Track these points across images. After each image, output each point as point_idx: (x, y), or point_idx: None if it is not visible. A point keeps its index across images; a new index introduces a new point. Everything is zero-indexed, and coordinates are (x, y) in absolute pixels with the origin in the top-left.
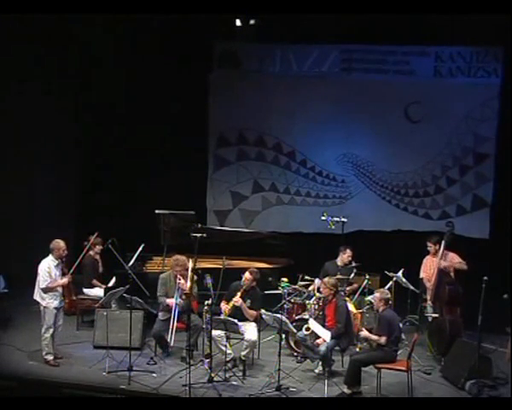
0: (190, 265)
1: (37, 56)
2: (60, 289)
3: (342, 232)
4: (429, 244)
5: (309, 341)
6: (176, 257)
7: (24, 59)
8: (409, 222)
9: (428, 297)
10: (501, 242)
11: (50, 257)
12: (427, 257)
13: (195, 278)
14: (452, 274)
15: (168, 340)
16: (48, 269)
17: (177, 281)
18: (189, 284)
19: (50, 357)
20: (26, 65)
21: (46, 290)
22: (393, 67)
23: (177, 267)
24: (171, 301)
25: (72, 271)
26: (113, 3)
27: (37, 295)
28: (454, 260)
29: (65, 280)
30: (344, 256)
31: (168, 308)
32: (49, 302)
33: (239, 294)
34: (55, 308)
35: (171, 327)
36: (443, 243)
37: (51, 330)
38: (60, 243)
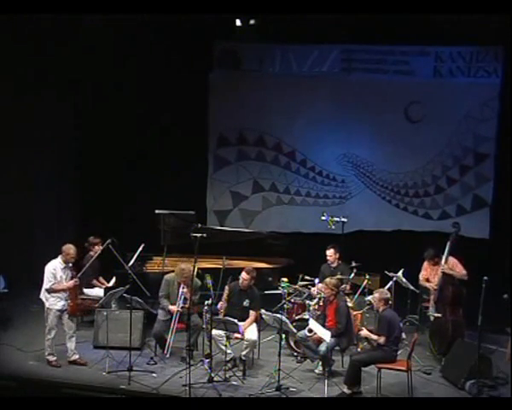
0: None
1: (37, 56)
2: (65, 293)
3: (342, 232)
4: (427, 260)
5: (310, 341)
6: (182, 267)
7: (23, 59)
8: (409, 222)
9: (432, 297)
10: (501, 242)
11: (59, 259)
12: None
13: (199, 283)
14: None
15: (166, 350)
16: (53, 270)
17: (181, 289)
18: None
19: (52, 358)
20: (25, 65)
21: (50, 291)
22: (393, 67)
23: (183, 278)
24: (173, 308)
25: (79, 275)
26: (113, 3)
27: (42, 295)
28: (455, 267)
29: (70, 283)
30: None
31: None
32: (52, 304)
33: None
34: (58, 311)
35: (169, 337)
36: (448, 243)
37: (53, 332)
38: (70, 249)
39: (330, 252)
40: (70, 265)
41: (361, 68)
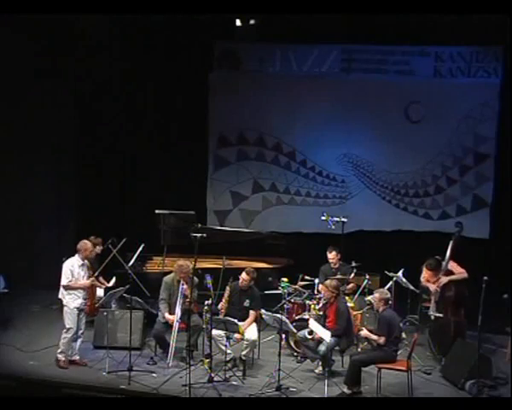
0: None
1: (37, 56)
2: (83, 291)
3: (342, 232)
4: (427, 270)
5: (310, 341)
6: (180, 263)
7: (23, 59)
8: (409, 222)
9: (433, 298)
10: (501, 242)
11: (76, 257)
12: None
13: (196, 280)
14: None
15: (168, 359)
16: (71, 268)
17: (181, 286)
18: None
19: (63, 357)
20: (25, 64)
21: (66, 288)
22: (393, 67)
23: (182, 274)
24: (170, 318)
25: (96, 274)
26: (114, 3)
27: (60, 294)
28: (453, 270)
29: (87, 283)
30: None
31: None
32: (69, 301)
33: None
34: (76, 308)
35: (171, 346)
36: (450, 243)
37: (72, 332)
38: (87, 245)
39: (332, 254)
40: (87, 262)
41: (361, 68)
